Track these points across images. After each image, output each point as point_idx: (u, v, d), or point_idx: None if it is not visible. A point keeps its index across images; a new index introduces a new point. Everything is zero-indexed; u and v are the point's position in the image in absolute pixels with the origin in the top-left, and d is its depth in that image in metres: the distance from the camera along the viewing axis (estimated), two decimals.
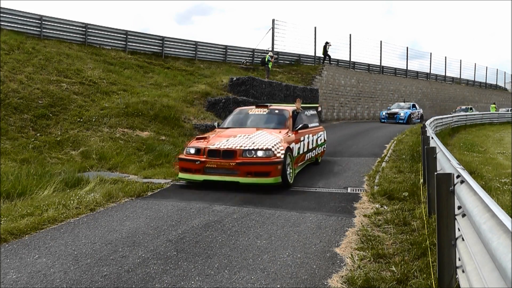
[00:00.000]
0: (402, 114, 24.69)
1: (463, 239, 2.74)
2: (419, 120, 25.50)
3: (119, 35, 20.12)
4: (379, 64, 32.52)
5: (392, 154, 11.05)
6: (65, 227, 5.12)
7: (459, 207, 2.90)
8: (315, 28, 27.25)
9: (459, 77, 41.89)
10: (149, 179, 8.10)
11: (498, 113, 32.54)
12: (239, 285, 3.50)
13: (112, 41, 19.82)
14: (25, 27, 16.77)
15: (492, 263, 1.94)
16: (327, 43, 26.66)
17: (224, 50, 24.33)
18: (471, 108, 32.67)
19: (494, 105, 35.94)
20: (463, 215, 2.80)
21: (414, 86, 35.40)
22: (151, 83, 16.75)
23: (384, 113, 25.85)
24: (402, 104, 27.11)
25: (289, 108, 9.02)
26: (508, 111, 34.85)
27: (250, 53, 25.37)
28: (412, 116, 24.93)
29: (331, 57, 27.23)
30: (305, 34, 27.15)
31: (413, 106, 26.40)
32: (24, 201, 6.07)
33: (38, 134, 10.35)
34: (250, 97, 16.73)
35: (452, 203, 3.01)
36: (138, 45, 20.61)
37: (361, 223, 5.12)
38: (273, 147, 7.08)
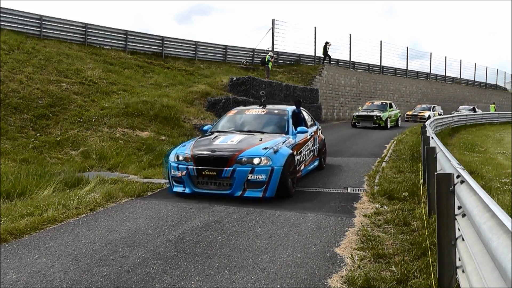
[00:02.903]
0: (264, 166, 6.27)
1: (463, 239, 2.74)
2: (316, 163, 8.69)
3: (119, 35, 20.13)
4: (379, 64, 32.54)
5: (392, 154, 11.05)
6: (65, 227, 5.11)
7: (459, 207, 2.90)
8: (315, 28, 27.30)
9: (459, 77, 41.92)
10: (149, 179, 8.10)
11: (498, 113, 32.53)
12: (239, 285, 3.49)
13: (112, 41, 19.83)
14: (25, 27, 16.78)
15: (492, 263, 1.94)
16: (327, 43, 26.67)
17: (224, 50, 24.33)
18: (390, 105, 21.75)
19: (493, 105, 35.97)
20: (463, 215, 2.80)
21: (414, 86, 35.42)
22: (151, 83, 16.75)
23: (173, 165, 6.73)
24: (253, 112, 8.18)
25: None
26: None
27: (250, 53, 25.37)
28: (296, 154, 7.14)
29: (331, 57, 27.23)
30: (305, 34, 27.23)
31: (295, 113, 8.18)
32: (24, 201, 6.07)
33: (38, 134, 10.34)
34: (250, 97, 16.73)
35: (452, 203, 3.01)
36: (138, 45, 20.62)
37: (361, 223, 5.12)
38: None
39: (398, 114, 22.65)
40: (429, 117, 25.43)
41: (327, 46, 26.59)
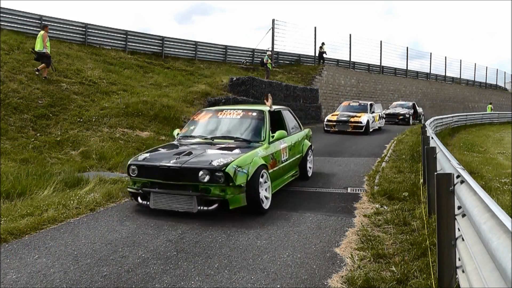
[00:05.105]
0: None
1: (463, 239, 2.74)
2: None
3: (119, 35, 20.13)
4: (379, 64, 32.53)
5: (392, 154, 11.04)
6: (65, 227, 5.11)
7: (459, 207, 2.90)
8: (315, 28, 27.30)
9: (459, 77, 41.91)
10: None
11: (498, 113, 32.57)
12: (239, 285, 3.49)
13: (112, 41, 19.83)
14: (25, 27, 16.77)
15: (492, 263, 1.94)
16: (323, 43, 26.71)
17: (224, 50, 24.33)
18: (279, 116, 7.08)
19: (490, 105, 36.08)
20: (463, 215, 2.80)
21: (414, 86, 35.42)
22: (151, 83, 16.75)
23: None
24: None
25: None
26: None
27: (250, 53, 25.38)
28: None
29: (325, 57, 27.07)
30: (305, 34, 27.21)
31: None
32: (24, 201, 6.06)
33: (38, 134, 10.34)
34: (250, 97, 16.73)
35: (452, 203, 3.01)
36: (138, 45, 20.62)
37: (361, 223, 5.12)
38: None
39: (303, 144, 7.90)
40: (367, 122, 16.91)
41: (322, 47, 26.56)
